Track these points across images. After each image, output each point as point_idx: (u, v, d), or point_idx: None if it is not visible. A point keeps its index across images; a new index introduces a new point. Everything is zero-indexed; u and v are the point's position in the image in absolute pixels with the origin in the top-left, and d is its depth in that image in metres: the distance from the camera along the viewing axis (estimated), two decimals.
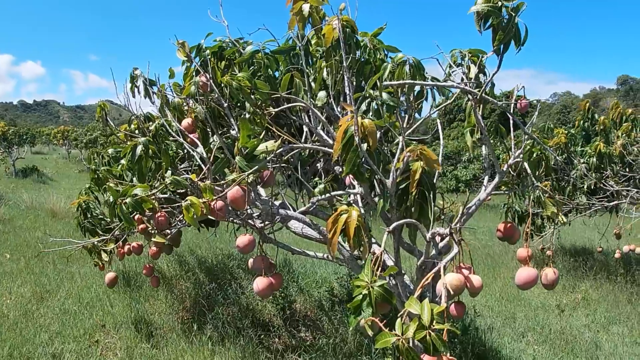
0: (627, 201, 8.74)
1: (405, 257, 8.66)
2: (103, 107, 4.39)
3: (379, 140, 3.02)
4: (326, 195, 3.47)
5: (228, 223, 4.61)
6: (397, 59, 3.15)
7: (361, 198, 3.34)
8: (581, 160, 8.81)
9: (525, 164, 3.33)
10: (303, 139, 3.72)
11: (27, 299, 6.91)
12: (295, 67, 3.57)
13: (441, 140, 3.70)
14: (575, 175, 8.86)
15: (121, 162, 4.48)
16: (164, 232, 4.24)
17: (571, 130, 10.04)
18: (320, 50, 3.60)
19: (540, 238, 9.49)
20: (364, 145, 2.50)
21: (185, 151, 4.11)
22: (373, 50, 3.55)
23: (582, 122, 10.34)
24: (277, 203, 3.67)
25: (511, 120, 3.25)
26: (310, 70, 3.59)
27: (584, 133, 10.20)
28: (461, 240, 2.56)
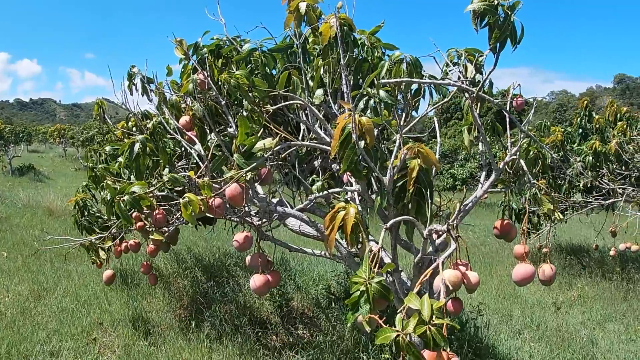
0: (622, 199, 8.76)
1: (401, 255, 8.68)
2: (101, 105, 4.40)
3: (376, 138, 3.04)
4: (323, 192, 3.48)
5: (225, 221, 4.61)
6: (394, 57, 3.16)
7: (358, 195, 3.36)
8: (577, 158, 8.84)
9: (522, 161, 3.35)
10: (300, 137, 3.73)
11: (24, 297, 6.91)
12: (292, 65, 3.58)
13: (438, 138, 3.72)
14: (571, 173, 8.89)
15: (119, 159, 4.48)
16: (162, 229, 4.24)
17: (567, 128, 10.07)
18: (317, 48, 3.61)
19: (536, 236, 9.52)
20: (362, 143, 2.51)
21: (182, 149, 4.12)
22: (371, 48, 3.56)
23: (579, 119, 10.37)
24: (275, 201, 3.68)
25: (507, 118, 3.27)
26: (308, 68, 3.60)
27: (582, 131, 10.23)
28: (458, 236, 2.58)
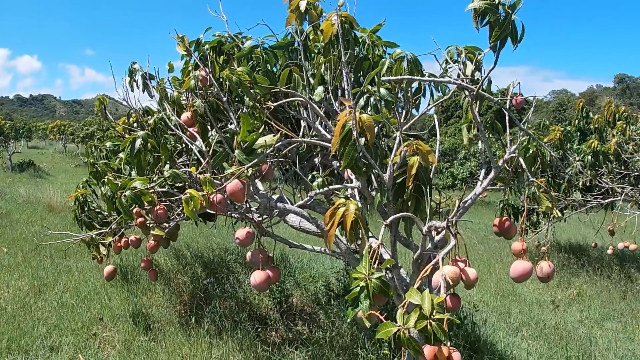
0: (621, 198, 8.79)
1: (400, 252, 8.70)
2: (102, 101, 4.42)
3: (377, 135, 3.06)
4: (324, 189, 3.50)
5: (225, 218, 4.63)
6: (395, 55, 3.18)
7: (358, 192, 3.38)
8: (577, 157, 8.86)
9: (521, 159, 3.37)
10: (301, 134, 3.75)
11: (24, 292, 6.93)
12: (293, 62, 3.60)
13: (438, 136, 3.73)
14: (570, 172, 8.92)
15: (119, 155, 4.50)
16: (162, 225, 4.26)
17: (567, 128, 10.09)
18: (318, 45, 3.63)
19: (535, 234, 9.55)
20: (362, 140, 2.54)
21: (183, 145, 4.13)
22: (371, 46, 3.58)
23: (577, 121, 10.40)
24: (275, 197, 3.70)
25: (507, 117, 3.29)
26: (309, 65, 3.62)
27: (580, 132, 10.26)
28: (457, 233, 2.60)
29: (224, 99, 3.39)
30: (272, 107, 3.34)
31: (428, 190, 2.73)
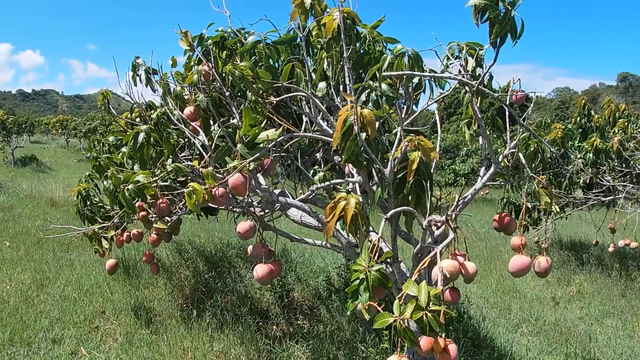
0: (623, 196, 8.80)
1: (401, 249, 8.73)
2: (105, 95, 4.43)
3: (378, 130, 3.08)
4: (325, 183, 3.52)
5: (227, 212, 4.66)
6: (396, 51, 3.20)
7: (359, 187, 3.40)
8: (578, 155, 8.87)
9: (521, 155, 3.39)
10: (303, 129, 3.77)
11: (27, 285, 6.98)
12: (296, 57, 3.61)
13: (439, 132, 3.75)
14: (572, 169, 8.93)
15: (122, 149, 4.52)
16: (165, 219, 4.29)
17: (568, 125, 10.10)
18: (321, 41, 3.65)
19: (536, 231, 9.57)
20: (363, 135, 2.56)
21: (186, 140, 4.15)
22: (372, 42, 3.60)
23: (578, 118, 10.40)
24: (277, 191, 3.72)
25: (507, 112, 3.31)
26: (311, 61, 3.64)
27: (581, 130, 10.26)
28: (457, 227, 2.62)
29: (227, 93, 3.41)
30: (275, 102, 3.36)
31: (429, 185, 2.75)
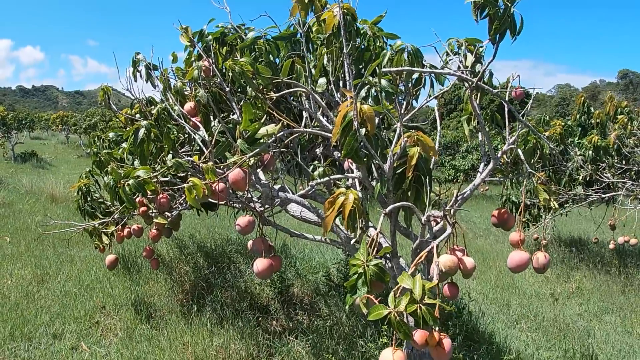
0: (622, 193, 8.82)
1: (401, 244, 8.75)
2: (106, 91, 4.44)
3: (377, 126, 3.09)
4: (325, 178, 3.53)
5: (227, 208, 4.67)
6: (396, 46, 3.21)
7: (359, 182, 3.41)
8: (577, 152, 8.88)
9: (520, 151, 3.40)
10: (303, 125, 3.78)
11: (27, 281, 7.00)
12: (296, 53, 3.62)
13: (438, 128, 3.76)
14: (571, 166, 8.94)
15: (122, 145, 4.54)
16: (165, 214, 4.30)
17: (568, 122, 10.11)
18: (321, 37, 3.65)
19: (535, 227, 9.59)
20: (363, 130, 2.57)
21: (186, 135, 4.16)
22: (373, 38, 3.60)
23: (578, 115, 10.41)
24: (277, 187, 3.73)
25: (506, 108, 3.32)
26: (311, 57, 3.65)
27: (581, 127, 10.27)
28: (455, 222, 2.63)
29: (227, 89, 3.42)
30: (275, 97, 3.37)
31: (428, 180, 2.76)
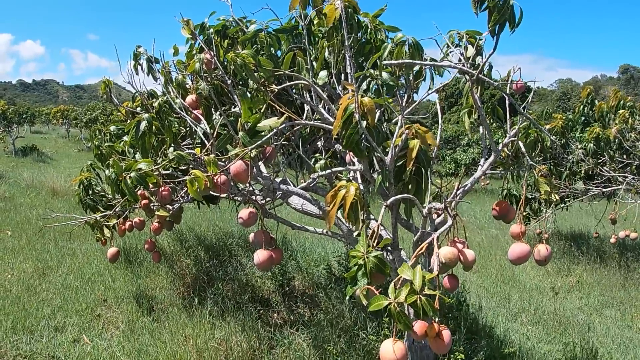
0: (623, 187, 8.81)
1: (402, 237, 8.76)
2: (107, 84, 4.44)
3: (378, 119, 3.09)
4: (326, 170, 3.54)
5: (229, 202, 4.68)
6: (396, 39, 3.21)
7: (360, 175, 3.42)
8: (579, 145, 8.87)
9: (521, 143, 3.40)
10: (304, 117, 3.78)
11: (29, 274, 7.03)
12: (297, 46, 3.62)
13: (440, 122, 3.76)
14: (572, 159, 8.93)
15: (124, 138, 4.54)
16: (166, 207, 4.30)
17: (569, 116, 10.09)
18: (322, 30, 3.65)
19: (536, 222, 9.59)
20: (364, 123, 2.57)
21: (187, 128, 4.16)
22: (373, 31, 3.60)
23: (582, 107, 10.39)
24: (278, 180, 3.74)
25: (507, 102, 3.32)
26: (312, 49, 3.65)
27: (584, 119, 10.25)
28: (456, 214, 2.64)
29: (229, 82, 3.43)
30: (276, 90, 3.37)
31: (428, 173, 2.77)
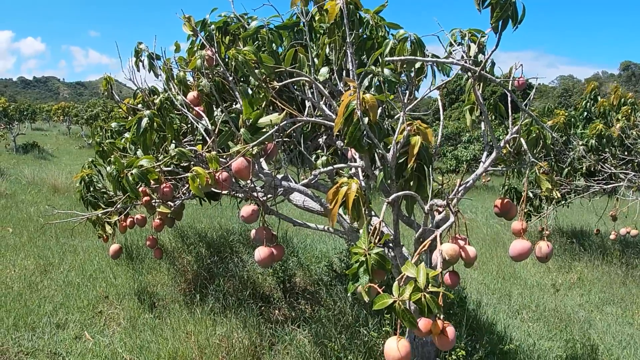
0: (624, 184, 8.80)
1: (403, 235, 8.76)
2: (109, 81, 4.45)
3: (380, 116, 3.09)
4: (328, 167, 3.54)
5: (230, 199, 4.68)
6: (398, 36, 3.21)
7: (362, 171, 3.42)
8: (580, 142, 8.86)
9: (523, 140, 3.40)
10: (306, 114, 3.78)
11: (30, 271, 7.03)
12: (299, 42, 3.62)
13: (441, 119, 3.76)
14: (574, 156, 8.92)
15: (125, 135, 4.54)
16: (168, 203, 4.31)
17: (571, 112, 10.07)
18: (323, 26, 3.65)
19: (537, 218, 9.59)
20: (365, 119, 2.57)
21: (188, 125, 4.16)
22: (375, 27, 3.60)
23: (584, 102, 10.37)
24: (280, 176, 3.74)
25: (509, 98, 3.32)
26: (314, 46, 3.64)
27: (586, 114, 10.23)
28: (458, 211, 2.64)
29: (230, 78, 3.42)
30: (278, 86, 3.37)
31: (430, 169, 2.77)
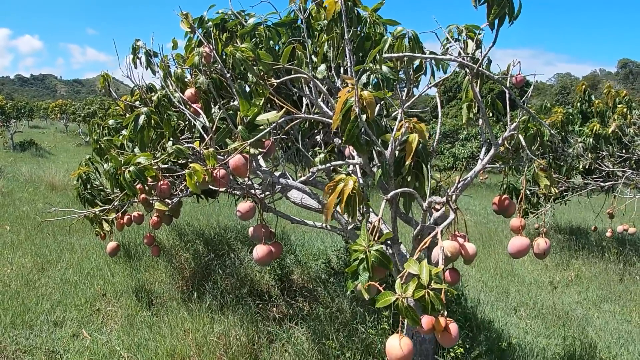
0: (622, 182, 8.81)
1: (400, 232, 8.76)
2: (106, 78, 4.42)
3: (378, 113, 3.09)
4: (326, 164, 3.53)
5: (228, 196, 4.67)
6: (396, 32, 3.20)
7: (360, 168, 3.41)
8: (578, 139, 8.87)
9: (521, 137, 3.39)
10: (303, 111, 3.77)
11: (28, 269, 7.01)
12: (296, 39, 3.61)
13: (439, 116, 3.75)
14: (572, 153, 8.93)
15: (122, 132, 4.52)
16: (165, 201, 4.30)
17: (569, 110, 10.09)
18: (321, 24, 3.64)
19: (535, 216, 9.60)
20: (363, 116, 2.56)
21: (186, 122, 4.15)
22: (373, 25, 3.59)
23: (579, 104, 10.39)
24: (277, 174, 3.73)
25: (507, 95, 3.31)
26: (311, 43, 3.63)
27: (582, 114, 10.26)
28: (457, 208, 2.64)
29: (228, 75, 3.41)
30: (275, 83, 3.36)
31: (428, 166, 2.76)
